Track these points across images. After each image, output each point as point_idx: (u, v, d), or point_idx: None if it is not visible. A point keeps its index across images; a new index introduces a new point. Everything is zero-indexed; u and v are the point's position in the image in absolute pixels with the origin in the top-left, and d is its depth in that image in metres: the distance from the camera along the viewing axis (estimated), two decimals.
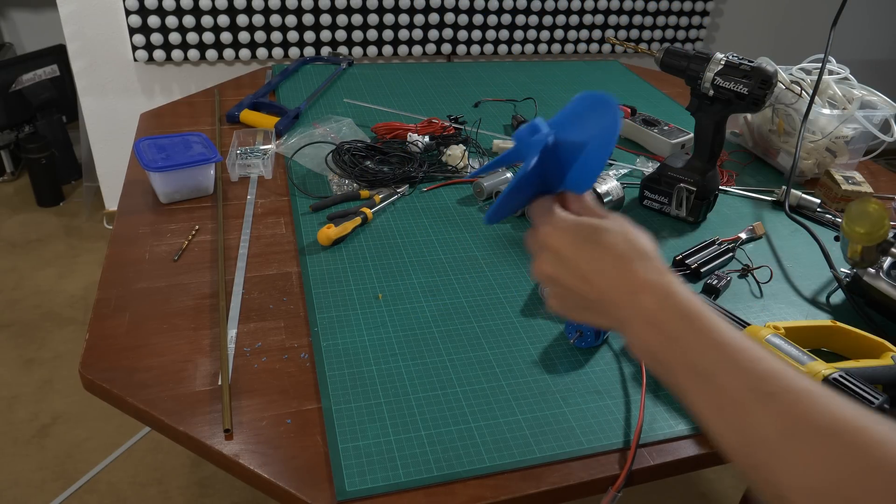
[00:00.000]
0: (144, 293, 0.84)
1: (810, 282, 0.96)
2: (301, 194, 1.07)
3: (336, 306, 0.83)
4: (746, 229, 1.05)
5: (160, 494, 1.53)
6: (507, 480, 0.63)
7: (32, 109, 2.51)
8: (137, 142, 1.05)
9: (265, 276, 0.88)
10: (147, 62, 2.15)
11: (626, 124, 1.37)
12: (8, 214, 2.49)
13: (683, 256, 0.95)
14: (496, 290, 0.88)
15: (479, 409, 0.70)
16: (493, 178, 1.10)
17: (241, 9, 2.09)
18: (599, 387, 0.74)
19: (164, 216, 1.00)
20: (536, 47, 2.42)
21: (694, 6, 2.49)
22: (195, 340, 0.77)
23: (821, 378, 0.66)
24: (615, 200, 1.03)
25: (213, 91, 1.44)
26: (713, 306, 0.78)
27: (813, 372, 0.68)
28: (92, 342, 0.76)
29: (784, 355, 0.70)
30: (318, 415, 0.69)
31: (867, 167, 1.33)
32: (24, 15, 2.62)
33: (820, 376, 0.67)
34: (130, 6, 2.00)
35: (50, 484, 1.53)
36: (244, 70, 2.22)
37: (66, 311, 2.05)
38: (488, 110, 1.44)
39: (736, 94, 0.96)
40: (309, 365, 0.74)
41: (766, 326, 0.75)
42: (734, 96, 0.96)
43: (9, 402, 1.73)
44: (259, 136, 1.19)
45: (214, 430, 0.66)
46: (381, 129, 1.25)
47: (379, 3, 2.18)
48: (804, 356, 0.70)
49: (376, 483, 0.61)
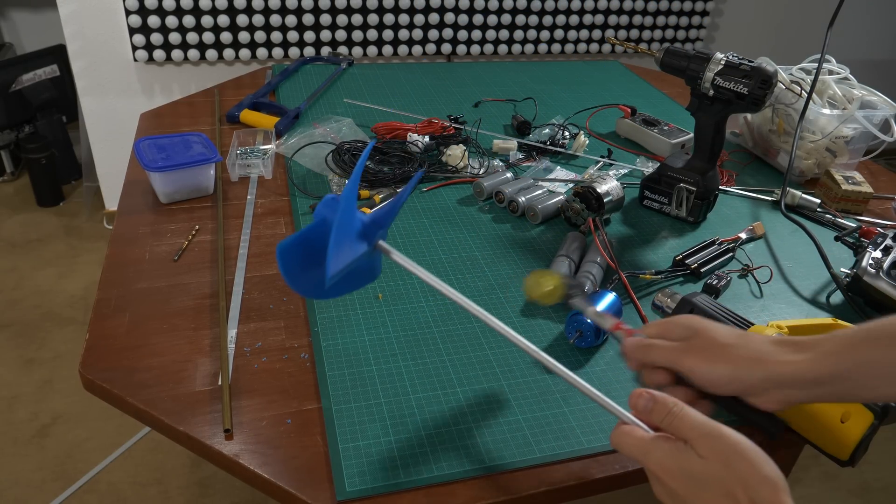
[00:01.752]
0: (144, 293, 0.84)
1: (810, 282, 0.96)
2: (301, 194, 1.07)
3: (336, 306, 0.83)
4: (746, 229, 1.05)
5: (160, 494, 1.53)
6: (507, 480, 0.63)
7: (32, 109, 2.51)
8: (137, 142, 1.05)
9: (265, 276, 0.88)
10: (147, 62, 2.15)
11: (626, 124, 1.37)
12: (8, 214, 2.49)
13: (683, 256, 0.95)
14: (496, 290, 0.88)
15: (479, 409, 0.70)
16: (493, 178, 1.10)
17: (241, 9, 2.09)
18: (600, 386, 0.74)
19: (164, 216, 1.00)
20: (536, 47, 2.42)
21: (694, 6, 2.49)
22: (195, 340, 0.77)
23: None
24: (615, 200, 1.03)
25: (213, 91, 1.44)
26: (714, 306, 0.78)
27: None
28: (92, 342, 0.76)
29: None
30: (318, 415, 0.69)
31: (867, 167, 1.33)
32: (24, 15, 2.62)
33: None
34: (130, 6, 2.00)
35: (50, 484, 1.53)
36: (244, 70, 2.22)
37: (66, 311, 2.05)
38: (488, 110, 1.44)
39: (736, 94, 0.96)
40: (309, 365, 0.75)
41: (769, 326, 0.75)
42: (734, 96, 0.96)
43: (9, 402, 1.73)
44: (259, 136, 1.19)
45: (214, 430, 0.66)
46: (381, 129, 1.25)
47: (379, 3, 2.18)
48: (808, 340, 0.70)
49: (376, 483, 0.61)
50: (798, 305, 0.91)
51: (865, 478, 1.73)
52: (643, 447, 0.50)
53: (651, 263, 0.97)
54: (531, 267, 0.93)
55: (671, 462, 0.48)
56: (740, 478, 0.45)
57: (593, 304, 0.77)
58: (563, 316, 0.84)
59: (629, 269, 0.94)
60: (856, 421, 0.64)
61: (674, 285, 0.93)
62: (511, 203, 1.06)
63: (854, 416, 0.64)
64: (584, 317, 0.77)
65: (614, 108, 1.45)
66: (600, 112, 1.46)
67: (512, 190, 1.07)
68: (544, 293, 0.71)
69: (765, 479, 0.45)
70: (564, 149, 1.26)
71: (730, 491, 0.45)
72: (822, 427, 0.66)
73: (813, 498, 1.68)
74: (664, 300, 0.82)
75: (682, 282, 0.93)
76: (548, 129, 1.32)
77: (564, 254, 0.92)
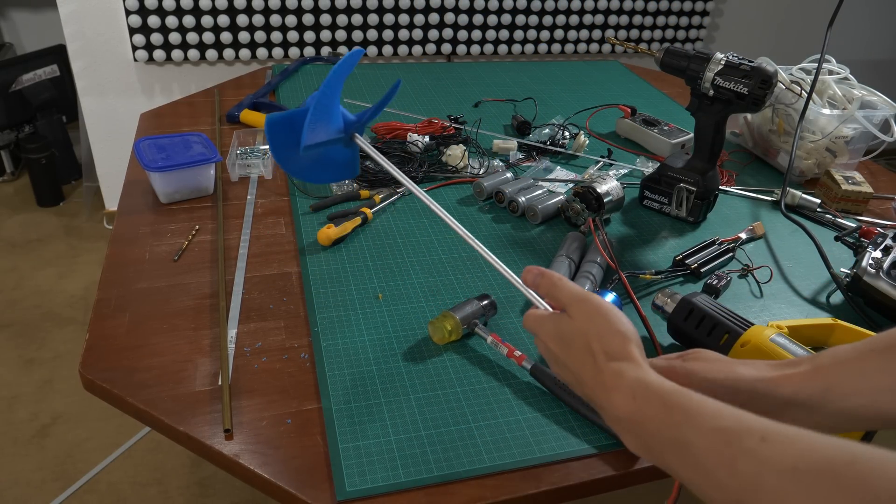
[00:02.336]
0: (144, 293, 0.84)
1: (810, 282, 0.96)
2: (301, 194, 1.07)
3: (336, 306, 0.83)
4: (746, 229, 1.05)
5: (160, 494, 1.53)
6: (507, 480, 0.63)
7: (32, 109, 2.51)
8: (137, 142, 1.05)
9: (265, 276, 0.88)
10: (147, 62, 2.15)
11: (626, 124, 1.37)
12: (8, 214, 2.49)
13: (683, 256, 0.95)
14: (496, 290, 0.88)
15: (479, 409, 0.70)
16: (493, 178, 1.10)
17: (241, 9, 2.09)
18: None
19: (164, 216, 1.00)
20: (536, 47, 2.42)
21: (694, 6, 2.49)
22: (195, 340, 0.77)
23: None
24: (615, 200, 1.03)
25: (213, 91, 1.44)
26: (714, 306, 0.78)
27: None
28: (92, 342, 0.76)
29: (788, 354, 0.70)
30: (318, 415, 0.69)
31: (867, 167, 1.33)
32: (24, 15, 2.62)
33: None
34: (130, 6, 2.00)
35: (50, 484, 1.53)
36: (244, 70, 2.22)
37: (66, 311, 2.05)
38: (488, 110, 1.44)
39: (736, 94, 0.96)
40: (309, 365, 0.74)
41: (769, 326, 0.75)
42: (734, 96, 0.96)
43: (9, 402, 1.73)
44: (259, 136, 1.19)
45: (214, 430, 0.66)
46: (381, 129, 1.25)
47: (379, 3, 2.18)
48: (807, 354, 0.70)
49: (376, 483, 0.61)
50: (798, 305, 0.91)
51: None
52: (539, 321, 0.58)
53: (651, 263, 0.97)
54: None
55: (552, 327, 0.56)
56: (597, 332, 0.52)
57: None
58: None
59: (629, 269, 0.94)
60: None
61: (674, 285, 0.93)
62: (511, 203, 1.06)
63: None
64: None
65: (614, 108, 1.45)
66: (600, 112, 1.46)
67: (512, 190, 1.07)
68: (445, 334, 0.77)
69: (617, 332, 0.52)
70: (564, 149, 1.26)
71: (588, 344, 0.52)
72: None
73: None
74: (664, 300, 0.82)
75: (682, 282, 0.93)
76: (548, 129, 1.32)
77: (564, 254, 0.92)
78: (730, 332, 0.74)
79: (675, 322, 0.79)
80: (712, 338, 0.75)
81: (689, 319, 0.78)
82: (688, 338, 0.78)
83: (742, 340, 0.73)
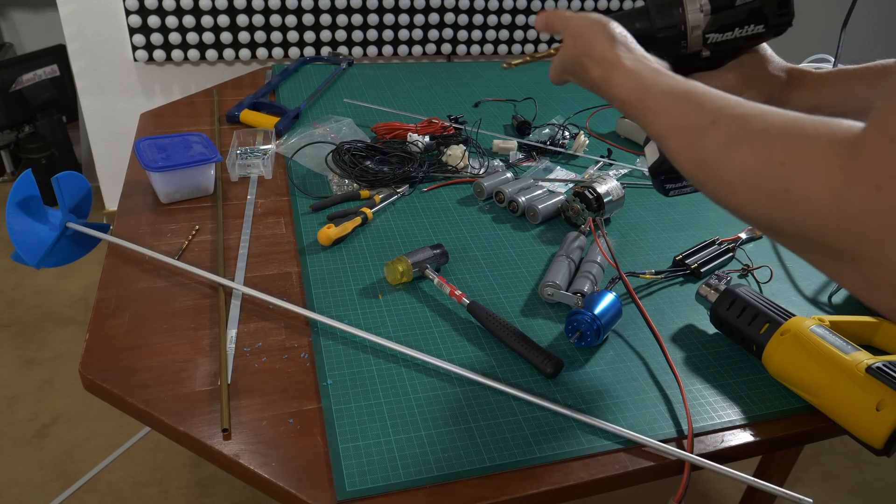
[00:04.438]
0: (144, 293, 0.84)
1: (810, 281, 0.96)
2: (301, 194, 1.07)
3: (336, 306, 0.83)
4: (746, 229, 1.05)
5: (160, 494, 1.53)
6: (507, 480, 0.63)
7: (32, 109, 2.51)
8: (137, 142, 1.05)
9: (265, 276, 0.88)
10: (147, 62, 2.15)
11: (626, 124, 1.37)
12: None
13: (683, 256, 0.95)
14: (496, 290, 0.88)
15: (479, 409, 0.70)
16: (493, 178, 1.10)
17: (241, 9, 2.09)
18: (599, 387, 0.74)
19: (164, 216, 1.00)
20: (536, 47, 2.42)
21: None
22: (195, 340, 0.77)
23: (863, 368, 0.67)
24: (615, 200, 1.03)
25: (212, 91, 1.44)
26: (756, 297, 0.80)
27: (856, 361, 0.68)
28: (92, 342, 0.76)
29: (828, 344, 0.71)
30: (318, 415, 0.69)
31: None
32: (24, 15, 2.62)
33: (862, 366, 0.67)
34: (130, 6, 2.00)
35: (50, 484, 1.53)
36: (244, 70, 2.22)
37: (66, 311, 2.05)
38: (488, 110, 1.44)
39: (745, 38, 0.72)
40: (309, 365, 0.74)
41: (811, 318, 0.75)
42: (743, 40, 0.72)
43: (9, 402, 1.73)
44: (259, 136, 1.19)
45: (214, 430, 0.66)
46: (381, 129, 1.25)
47: (379, 3, 2.18)
48: (848, 346, 0.71)
49: (376, 483, 0.61)
50: (799, 305, 0.91)
51: (865, 478, 1.73)
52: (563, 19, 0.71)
53: (651, 263, 0.97)
54: (531, 267, 0.94)
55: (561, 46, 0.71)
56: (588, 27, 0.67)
57: (597, 303, 0.79)
58: (562, 316, 0.84)
59: (629, 269, 0.94)
60: (891, 409, 0.64)
61: (674, 285, 0.93)
62: (511, 203, 1.06)
63: (889, 404, 0.64)
64: (582, 316, 0.77)
65: None
66: (600, 112, 1.46)
67: (512, 190, 1.07)
68: (397, 275, 0.86)
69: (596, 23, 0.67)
70: (564, 149, 1.26)
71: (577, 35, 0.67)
72: (857, 415, 0.66)
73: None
74: (707, 290, 0.84)
75: (682, 282, 0.94)
76: (548, 129, 1.32)
77: (564, 254, 0.92)
78: (770, 321, 0.76)
79: (717, 311, 0.81)
80: (753, 326, 0.77)
81: (731, 308, 0.80)
82: (729, 326, 0.80)
83: (782, 329, 0.75)
